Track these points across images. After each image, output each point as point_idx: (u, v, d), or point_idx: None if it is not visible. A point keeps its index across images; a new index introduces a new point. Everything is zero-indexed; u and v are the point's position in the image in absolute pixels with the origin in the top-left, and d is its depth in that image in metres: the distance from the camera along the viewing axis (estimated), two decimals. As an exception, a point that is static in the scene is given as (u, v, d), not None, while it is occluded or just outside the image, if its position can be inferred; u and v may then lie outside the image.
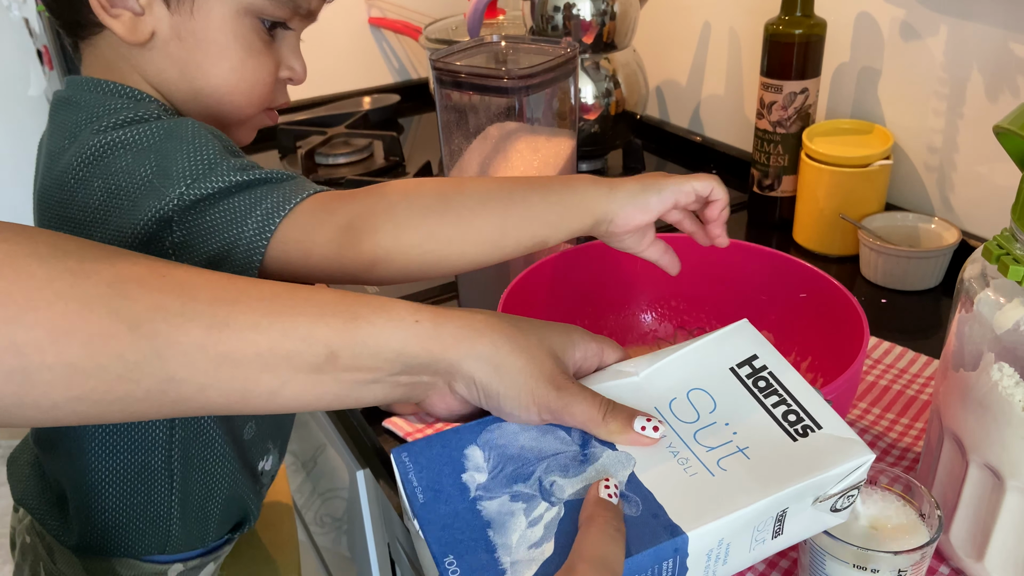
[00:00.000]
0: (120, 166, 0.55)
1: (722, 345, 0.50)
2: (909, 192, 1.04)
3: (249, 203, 0.55)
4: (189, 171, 0.54)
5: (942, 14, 0.95)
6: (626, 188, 0.61)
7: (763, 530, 0.43)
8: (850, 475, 0.44)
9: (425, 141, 1.50)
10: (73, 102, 0.59)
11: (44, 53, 2.11)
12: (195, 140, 0.56)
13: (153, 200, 0.54)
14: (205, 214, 0.55)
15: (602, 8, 1.15)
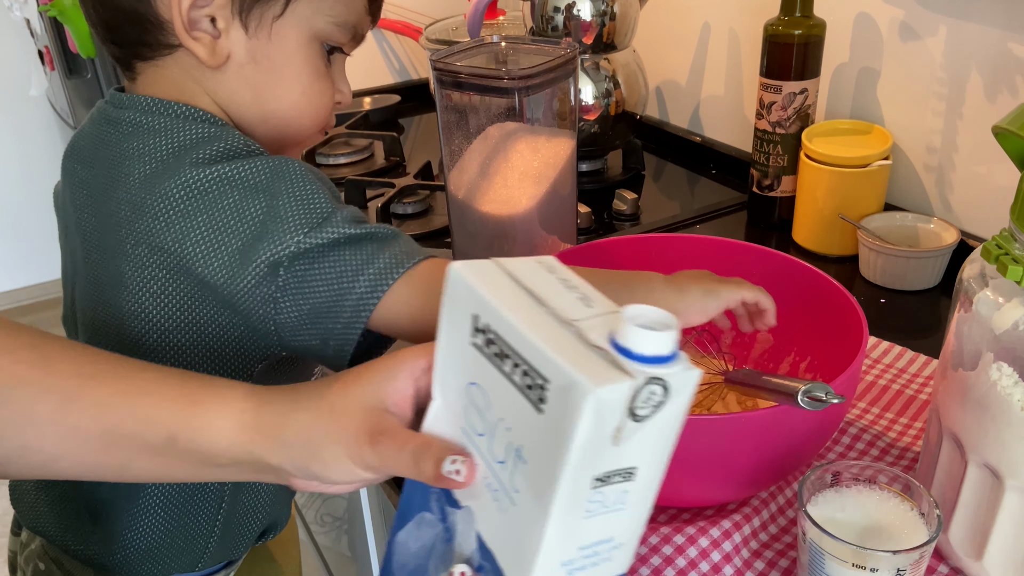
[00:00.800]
0: (227, 203, 0.55)
1: (454, 318, 0.42)
2: (908, 192, 1.04)
3: (362, 259, 0.56)
4: (305, 218, 0.55)
5: (941, 14, 0.95)
6: (693, 292, 0.64)
7: (592, 528, 0.38)
8: (604, 418, 0.35)
9: (425, 141, 1.50)
10: (146, 126, 0.58)
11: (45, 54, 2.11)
12: (305, 185, 0.56)
13: (267, 243, 0.54)
14: (316, 263, 0.55)
15: (602, 8, 1.15)
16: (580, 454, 0.35)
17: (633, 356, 0.35)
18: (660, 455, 0.38)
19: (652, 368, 0.35)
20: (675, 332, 0.35)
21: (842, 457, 0.70)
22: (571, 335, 0.37)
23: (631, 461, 0.37)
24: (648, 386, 0.35)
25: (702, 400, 0.73)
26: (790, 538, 0.63)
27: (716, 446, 0.57)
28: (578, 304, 0.39)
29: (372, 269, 0.55)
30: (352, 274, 0.55)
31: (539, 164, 0.84)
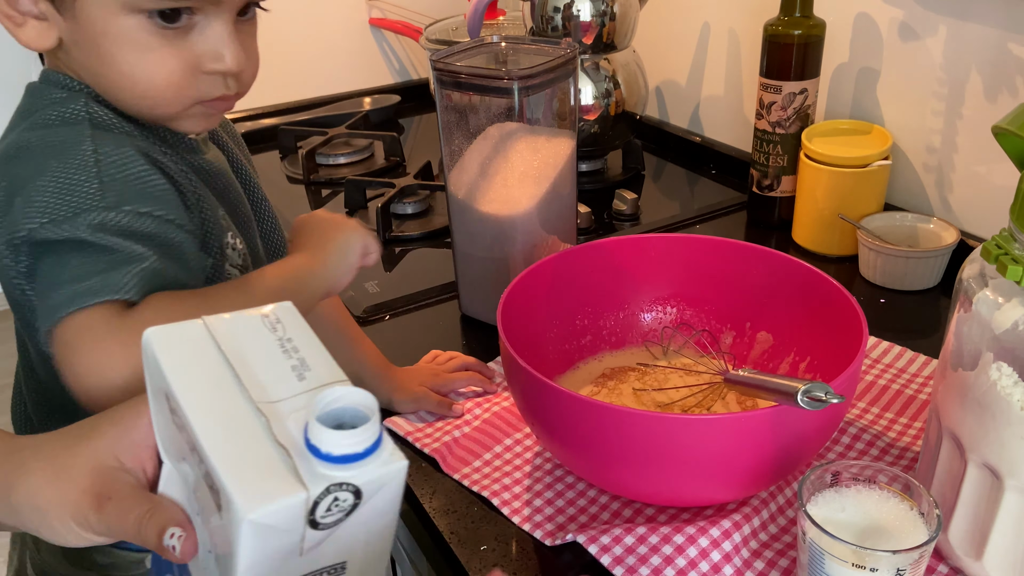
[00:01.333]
0: (16, 172, 0.54)
1: (154, 390, 0.39)
2: (908, 192, 1.04)
3: (77, 270, 0.52)
4: (53, 207, 0.52)
5: (941, 15, 0.95)
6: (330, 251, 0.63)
7: None
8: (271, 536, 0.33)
9: (425, 141, 1.50)
10: (29, 89, 0.60)
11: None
12: (75, 172, 0.53)
13: (7, 220, 0.53)
14: (44, 257, 0.52)
15: (602, 9, 1.15)
16: (250, 571, 0.33)
17: (321, 455, 0.33)
18: (377, 541, 0.37)
19: (340, 471, 0.33)
20: (372, 425, 0.33)
21: (842, 457, 0.70)
22: (259, 428, 0.34)
23: (336, 558, 0.36)
24: (333, 494, 0.33)
25: (702, 400, 0.73)
26: (790, 538, 0.63)
27: (716, 446, 0.57)
28: (288, 377, 0.36)
29: (80, 285, 0.51)
30: (60, 281, 0.51)
31: (539, 164, 0.84)
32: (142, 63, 0.56)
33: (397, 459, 0.34)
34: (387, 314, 0.95)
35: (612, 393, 0.76)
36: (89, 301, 0.50)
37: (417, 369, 0.82)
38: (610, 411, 0.58)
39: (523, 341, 0.66)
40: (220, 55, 0.57)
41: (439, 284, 0.99)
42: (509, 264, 0.85)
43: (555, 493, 0.68)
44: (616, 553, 0.60)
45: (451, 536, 0.65)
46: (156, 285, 0.52)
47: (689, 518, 0.64)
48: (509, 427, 0.75)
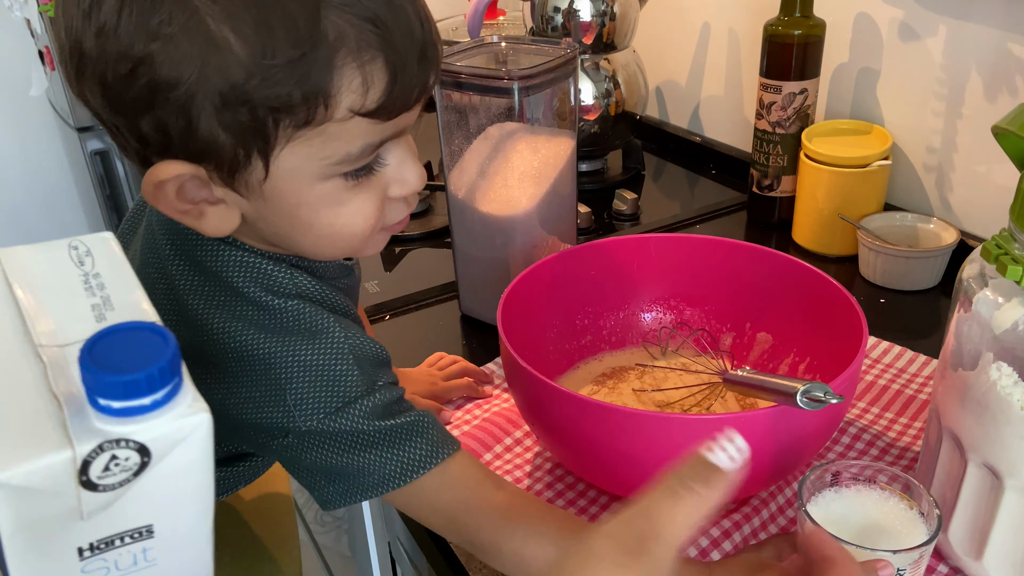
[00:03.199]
0: (255, 349, 0.54)
1: None
2: (908, 192, 1.04)
3: (382, 456, 0.55)
4: (323, 404, 0.53)
5: (941, 15, 0.95)
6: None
7: None
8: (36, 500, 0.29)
9: (425, 141, 1.50)
10: (202, 239, 0.55)
11: (46, 54, 2.11)
12: (332, 365, 0.54)
13: (278, 413, 0.54)
14: (330, 440, 0.54)
15: (602, 9, 1.15)
16: (17, 540, 0.30)
17: (99, 408, 0.29)
18: (191, 502, 0.34)
19: (119, 425, 0.29)
20: (159, 369, 0.30)
21: (842, 457, 0.70)
22: (32, 375, 0.31)
23: (137, 521, 0.33)
24: (108, 452, 0.29)
25: (702, 400, 0.73)
26: (790, 538, 0.63)
27: (716, 446, 0.57)
28: (85, 317, 0.32)
29: (385, 468, 0.55)
30: (362, 465, 0.55)
31: (539, 164, 0.84)
32: (342, 218, 0.54)
33: (195, 412, 0.31)
34: (387, 314, 0.95)
35: (612, 393, 0.76)
36: (404, 482, 0.55)
37: (415, 374, 0.82)
38: (610, 411, 0.58)
39: (523, 341, 0.66)
40: (405, 181, 0.56)
41: (439, 284, 0.99)
42: (509, 264, 0.85)
43: (555, 493, 0.68)
44: (616, 553, 0.60)
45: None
46: (440, 442, 0.56)
47: (689, 518, 0.63)
48: (509, 427, 0.75)
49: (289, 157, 0.49)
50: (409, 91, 0.50)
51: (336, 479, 0.55)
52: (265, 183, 0.51)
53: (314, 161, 0.50)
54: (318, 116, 0.48)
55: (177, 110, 0.46)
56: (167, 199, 0.50)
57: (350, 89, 0.47)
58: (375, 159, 0.54)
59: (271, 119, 0.47)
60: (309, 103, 0.47)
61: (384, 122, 0.51)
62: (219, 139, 0.48)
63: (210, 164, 0.49)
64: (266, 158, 0.49)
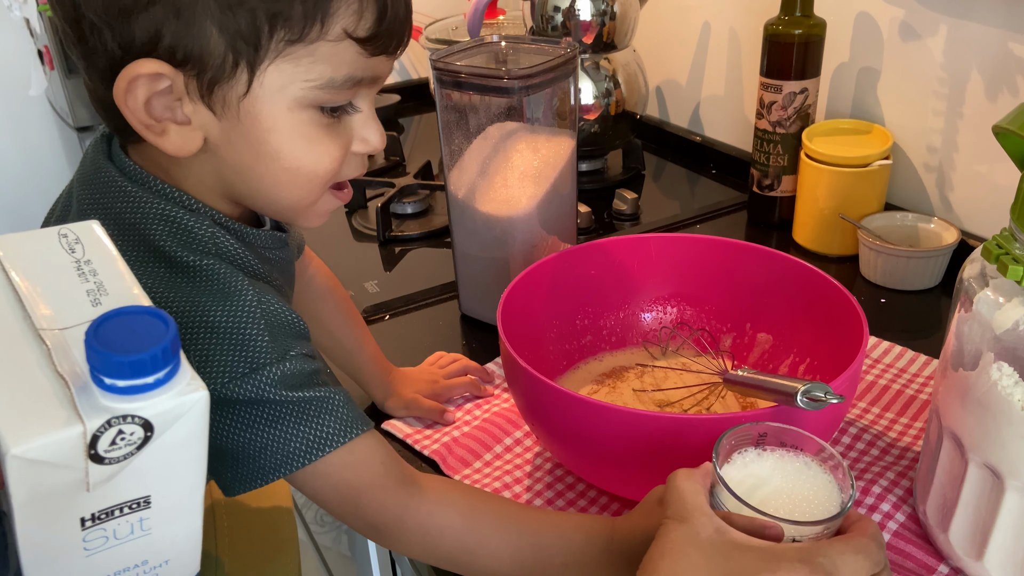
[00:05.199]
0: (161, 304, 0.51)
1: None
2: (908, 192, 1.04)
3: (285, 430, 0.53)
4: (228, 367, 0.52)
5: (941, 14, 0.95)
6: None
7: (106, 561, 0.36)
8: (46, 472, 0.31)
9: (425, 141, 1.50)
10: (126, 191, 0.55)
11: (45, 53, 2.11)
12: (242, 329, 0.52)
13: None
14: (234, 409, 0.53)
15: (602, 8, 1.15)
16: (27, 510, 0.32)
17: (105, 387, 0.31)
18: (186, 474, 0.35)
19: (124, 403, 0.31)
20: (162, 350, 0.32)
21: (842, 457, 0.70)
22: (37, 357, 0.32)
23: (136, 492, 0.35)
24: (116, 427, 0.31)
25: (702, 400, 0.73)
26: (790, 538, 0.63)
27: (716, 446, 0.57)
28: (81, 302, 0.34)
29: (288, 446, 0.53)
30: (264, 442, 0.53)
31: (539, 164, 0.84)
32: (310, 155, 0.55)
33: (194, 389, 0.33)
34: (387, 314, 0.95)
35: (612, 393, 0.76)
36: (306, 461, 0.53)
37: (417, 373, 0.82)
38: (610, 411, 0.58)
39: (523, 341, 0.66)
40: (368, 137, 0.58)
41: (439, 284, 0.99)
42: (509, 264, 0.85)
43: (555, 493, 0.68)
44: (616, 553, 0.60)
45: (451, 536, 0.65)
46: (350, 421, 0.55)
47: (689, 518, 0.63)
48: (509, 427, 0.75)
49: (274, 74, 0.51)
50: (393, 30, 0.54)
51: (237, 461, 0.53)
52: (244, 100, 0.51)
53: (297, 83, 0.51)
54: (312, 33, 0.50)
55: (181, 7, 0.48)
56: (135, 103, 0.50)
57: (347, 11, 0.50)
58: (349, 104, 0.55)
59: (267, 28, 0.49)
60: (307, 18, 0.49)
61: (368, 57, 0.53)
62: (212, 42, 0.49)
63: (192, 71, 0.50)
64: (252, 71, 0.50)
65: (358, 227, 1.17)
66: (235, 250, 0.56)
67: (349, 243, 1.13)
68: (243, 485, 0.54)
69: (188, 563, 0.39)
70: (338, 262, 0.89)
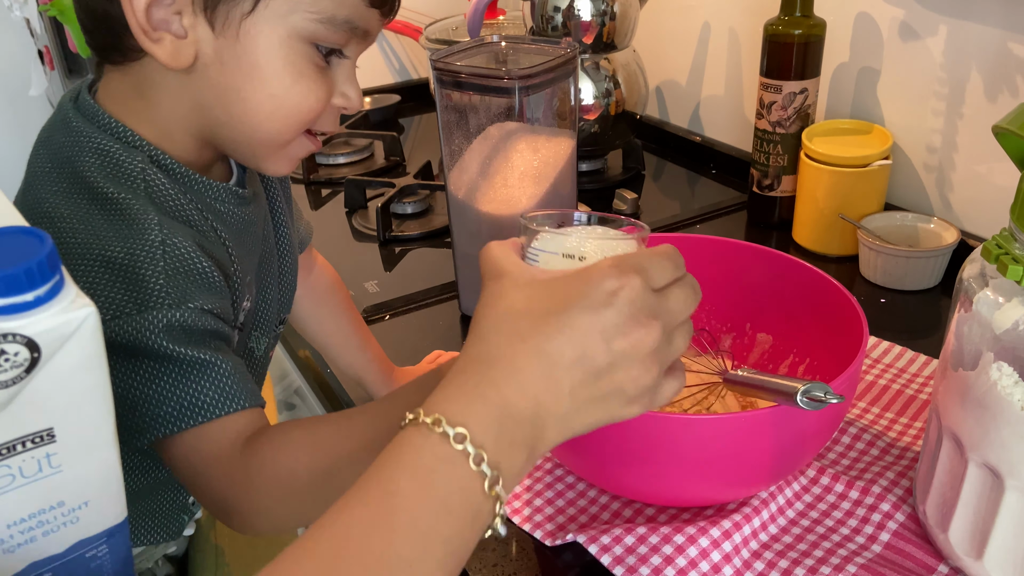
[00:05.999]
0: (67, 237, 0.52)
1: None
2: (908, 192, 1.04)
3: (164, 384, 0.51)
4: (114, 302, 0.50)
5: (941, 14, 0.95)
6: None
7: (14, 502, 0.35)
8: None
9: (425, 141, 1.50)
10: (71, 126, 0.56)
11: (45, 53, 2.11)
12: (137, 265, 0.51)
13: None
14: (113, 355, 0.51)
15: (602, 8, 1.15)
16: None
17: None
18: (89, 403, 0.34)
19: (4, 321, 0.30)
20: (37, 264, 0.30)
21: (842, 457, 0.70)
22: None
23: (36, 424, 0.33)
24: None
25: (702, 400, 0.73)
26: (790, 538, 0.63)
27: (716, 446, 0.57)
28: None
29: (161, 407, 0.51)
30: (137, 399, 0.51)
31: (539, 164, 0.84)
32: (296, 88, 0.55)
33: (80, 307, 0.31)
34: (387, 314, 0.95)
35: (612, 393, 0.76)
36: (176, 428, 0.50)
37: (418, 372, 0.82)
38: (610, 411, 0.58)
39: (523, 341, 0.66)
40: (348, 93, 0.59)
41: (439, 284, 0.99)
42: (509, 264, 0.85)
43: (555, 493, 0.68)
44: (616, 553, 0.60)
45: (451, 536, 0.65)
46: (230, 395, 0.52)
47: (689, 518, 0.63)
48: (509, 427, 0.75)
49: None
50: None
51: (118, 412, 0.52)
52: (247, 19, 0.52)
53: (300, 11, 0.53)
54: None
55: None
56: (140, 5, 0.51)
57: None
58: (339, 52, 0.57)
59: None
60: None
61: (367, 7, 0.55)
62: None
63: None
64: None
65: (358, 227, 1.17)
66: (163, 189, 0.55)
67: (349, 243, 1.13)
68: (127, 437, 0.51)
69: (112, 507, 0.38)
70: (338, 262, 0.89)
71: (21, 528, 0.35)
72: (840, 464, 0.69)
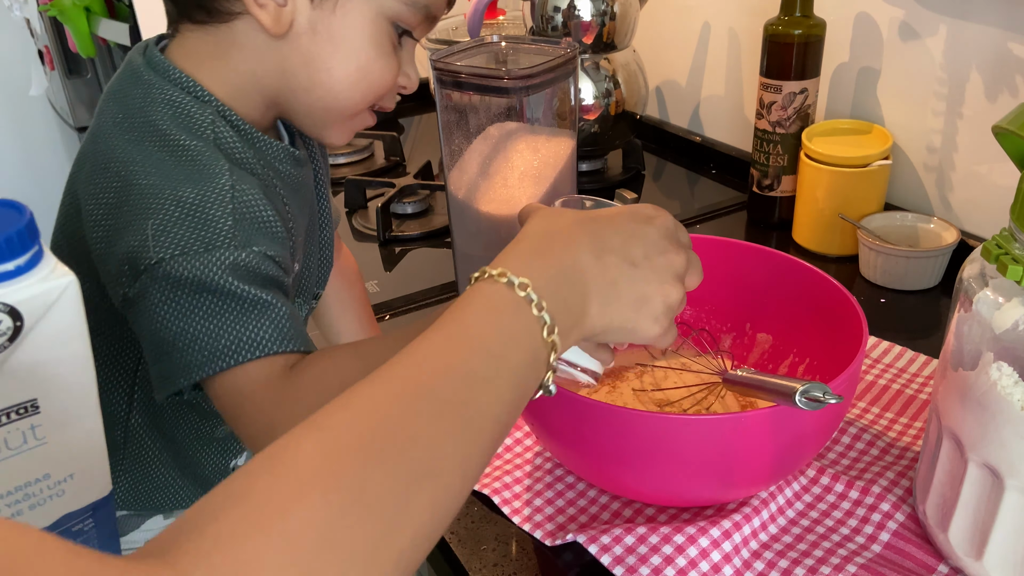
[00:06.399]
0: (139, 180, 0.54)
1: None
2: (908, 192, 1.04)
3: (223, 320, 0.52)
4: (186, 238, 0.52)
5: (941, 14, 0.95)
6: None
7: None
8: None
9: (425, 141, 1.50)
10: (142, 79, 0.58)
11: (45, 53, 2.11)
12: (212, 207, 0.53)
13: (136, 240, 0.53)
14: (177, 290, 0.52)
15: (602, 8, 1.15)
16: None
17: None
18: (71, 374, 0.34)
19: None
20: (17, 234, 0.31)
21: (842, 457, 0.70)
22: None
23: (21, 395, 0.34)
24: None
25: (701, 400, 0.73)
26: (790, 538, 0.63)
27: (716, 446, 0.57)
28: None
29: (218, 341, 0.51)
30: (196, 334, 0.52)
31: (539, 164, 0.84)
32: (377, 63, 0.60)
33: (60, 275, 0.32)
34: (387, 314, 0.95)
35: (612, 393, 0.76)
36: (234, 361, 0.51)
37: None
38: (610, 411, 0.58)
39: (523, 341, 0.66)
40: (410, 74, 0.64)
41: (439, 284, 0.99)
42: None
43: (555, 493, 0.68)
44: (616, 553, 0.60)
45: (451, 536, 0.65)
46: (288, 336, 0.53)
47: (689, 518, 0.63)
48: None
49: None
50: None
51: (165, 354, 0.52)
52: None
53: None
54: None
55: None
56: None
57: None
58: (408, 34, 0.62)
59: None
60: None
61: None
62: None
63: None
64: None
65: (358, 227, 1.17)
66: (231, 142, 0.58)
67: (349, 243, 1.14)
68: (168, 383, 0.53)
69: (97, 480, 0.38)
70: (338, 262, 0.89)
71: (8, 501, 0.36)
72: (840, 464, 0.69)
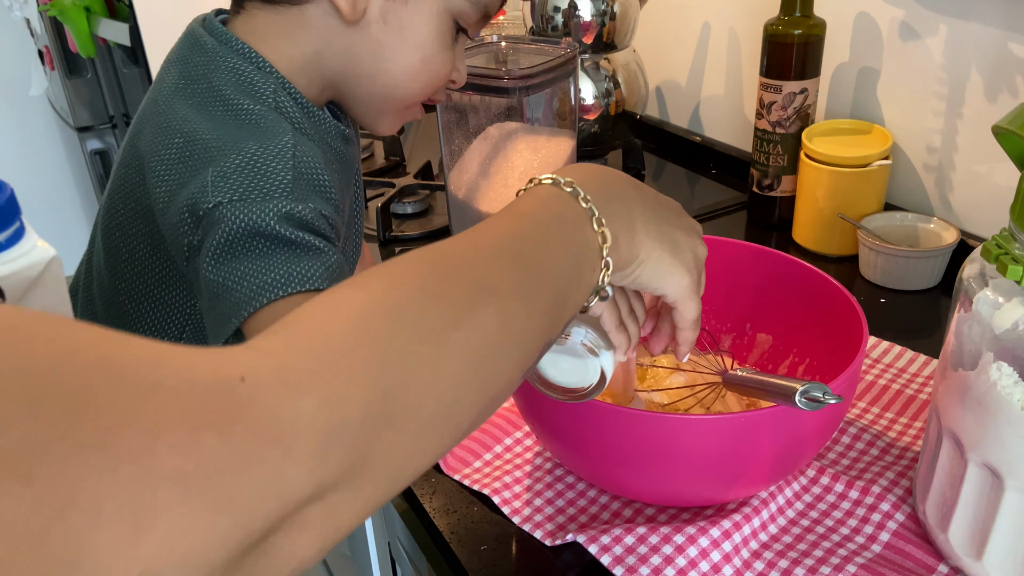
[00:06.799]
0: (204, 136, 0.56)
1: None
2: (908, 192, 1.04)
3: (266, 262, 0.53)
4: (245, 185, 0.54)
5: (941, 14, 0.95)
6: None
7: None
8: None
9: (425, 141, 1.50)
10: (206, 48, 0.61)
11: (45, 53, 2.11)
12: (272, 160, 0.55)
13: (196, 185, 0.55)
14: (231, 234, 0.53)
15: (602, 8, 1.15)
16: None
17: None
18: None
19: None
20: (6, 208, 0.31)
21: (842, 456, 0.70)
22: None
23: None
24: None
25: (702, 400, 0.73)
26: (790, 538, 0.63)
27: (716, 446, 0.57)
28: None
29: (271, 275, 0.52)
30: (247, 271, 0.53)
31: (539, 164, 0.84)
32: (439, 57, 0.63)
33: (42, 252, 0.32)
34: (387, 314, 0.95)
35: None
36: (283, 292, 0.52)
37: None
38: (610, 411, 0.58)
39: (523, 341, 0.66)
40: (461, 69, 0.67)
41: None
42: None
43: (555, 493, 0.68)
44: (616, 553, 0.60)
45: (451, 536, 0.65)
46: (337, 278, 0.54)
47: (689, 518, 0.63)
48: (509, 427, 0.75)
49: None
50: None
51: (217, 298, 0.53)
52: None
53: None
54: None
55: None
56: None
57: None
58: (463, 32, 0.65)
59: None
60: None
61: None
62: None
63: None
64: None
65: (358, 227, 1.17)
66: (292, 111, 0.61)
67: (349, 243, 1.14)
68: (221, 327, 0.53)
69: None
70: (338, 262, 0.89)
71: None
72: (840, 464, 0.70)
